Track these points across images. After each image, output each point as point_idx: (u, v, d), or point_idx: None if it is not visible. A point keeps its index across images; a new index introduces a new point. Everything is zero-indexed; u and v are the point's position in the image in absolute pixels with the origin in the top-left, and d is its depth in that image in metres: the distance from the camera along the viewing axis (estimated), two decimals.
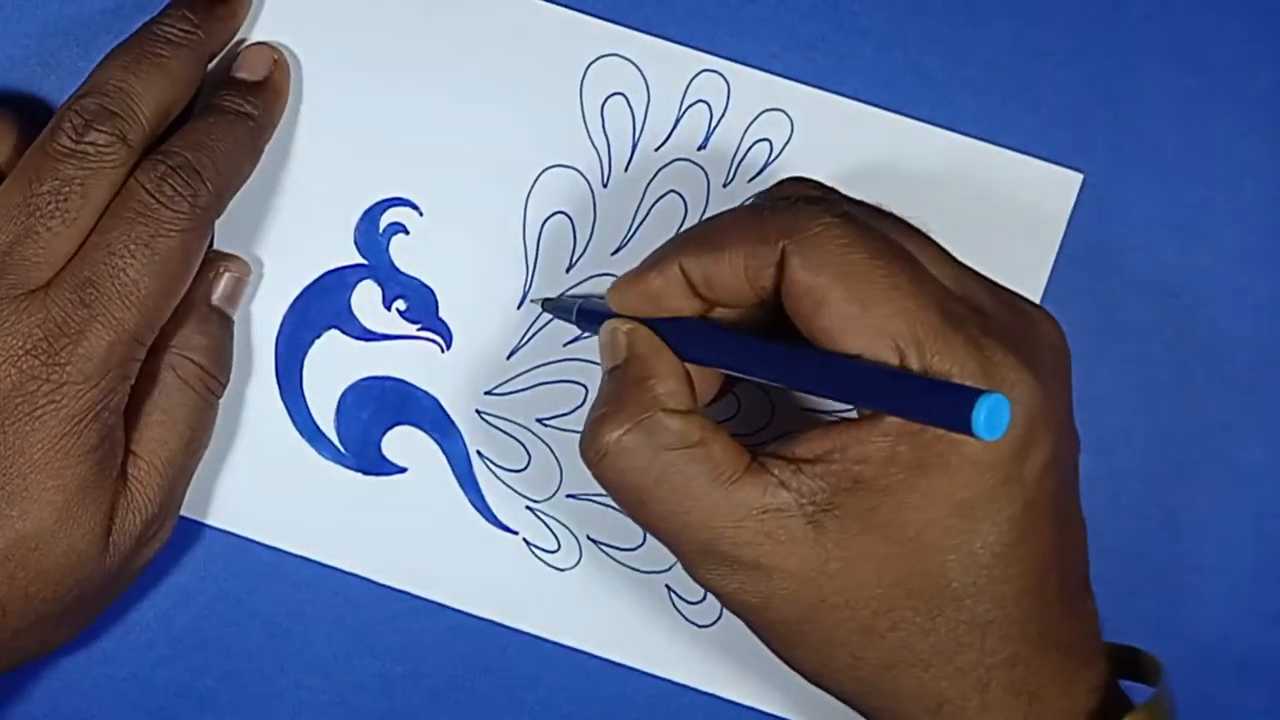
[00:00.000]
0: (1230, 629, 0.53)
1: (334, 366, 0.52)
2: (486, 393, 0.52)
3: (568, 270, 0.52)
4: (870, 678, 0.43)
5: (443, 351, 0.52)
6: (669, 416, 0.43)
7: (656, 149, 0.52)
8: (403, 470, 0.52)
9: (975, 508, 0.41)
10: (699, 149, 0.51)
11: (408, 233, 0.52)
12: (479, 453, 0.52)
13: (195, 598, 0.53)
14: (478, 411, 0.52)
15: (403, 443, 0.52)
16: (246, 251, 0.51)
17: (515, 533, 0.53)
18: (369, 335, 0.52)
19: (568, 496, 0.53)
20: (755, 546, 0.42)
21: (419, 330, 0.52)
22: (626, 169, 0.52)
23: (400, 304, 0.52)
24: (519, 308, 0.52)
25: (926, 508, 0.41)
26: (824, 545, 0.42)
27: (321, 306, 0.52)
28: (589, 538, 0.53)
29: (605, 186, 0.52)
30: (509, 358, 0.52)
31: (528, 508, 0.52)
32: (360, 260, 0.52)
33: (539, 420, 0.52)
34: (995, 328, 0.42)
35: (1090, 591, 0.45)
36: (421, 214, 0.52)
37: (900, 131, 0.51)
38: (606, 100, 0.51)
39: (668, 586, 0.53)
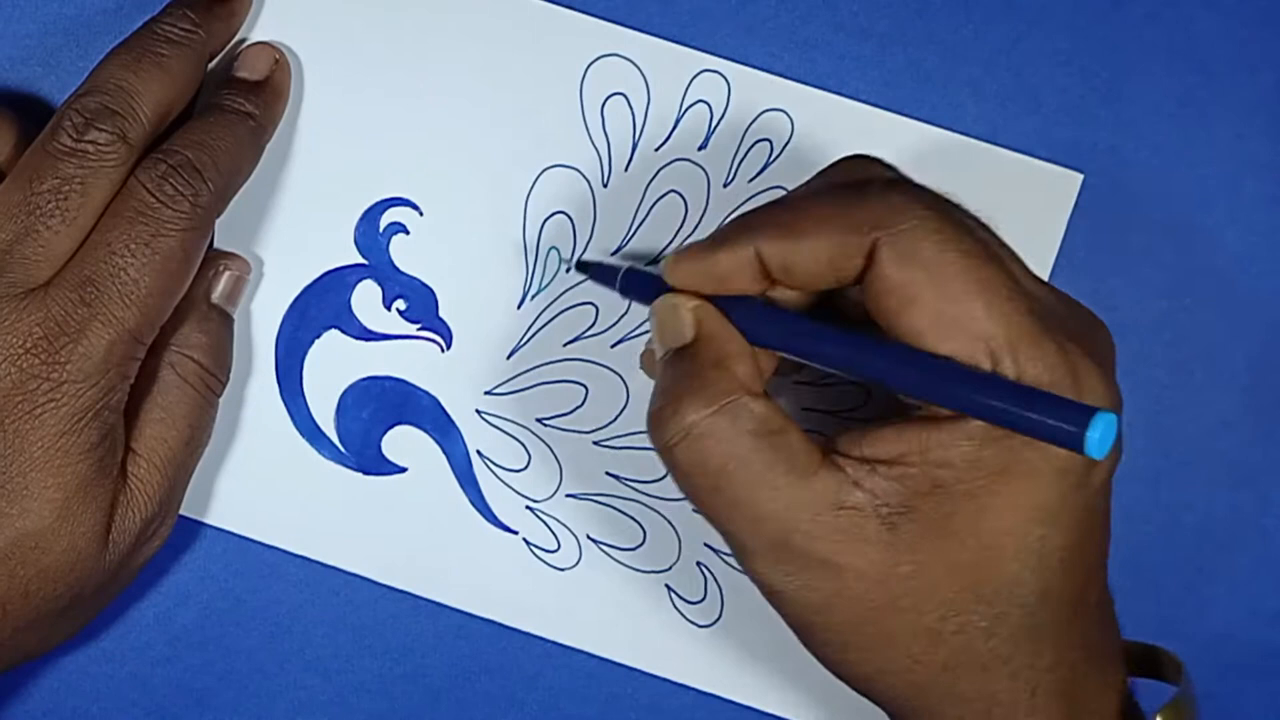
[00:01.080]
0: (1230, 629, 0.53)
1: (334, 366, 0.52)
2: (486, 393, 0.52)
3: (568, 270, 0.52)
4: (925, 681, 0.42)
5: (443, 351, 0.52)
6: (753, 400, 0.41)
7: (656, 149, 0.52)
8: (403, 470, 0.52)
9: (1052, 513, 0.41)
10: (699, 149, 0.51)
11: (408, 232, 0.52)
12: (479, 452, 0.52)
13: (195, 597, 0.53)
14: (478, 411, 0.52)
15: (403, 442, 0.52)
16: (247, 251, 0.51)
17: (515, 533, 0.53)
18: (369, 335, 0.52)
19: (568, 496, 0.53)
20: (829, 542, 0.41)
21: (419, 330, 0.52)
22: (626, 169, 0.52)
23: (400, 304, 0.52)
24: (519, 308, 0.52)
25: (1007, 513, 0.40)
26: (896, 548, 0.41)
27: (321, 306, 0.52)
28: (589, 538, 0.53)
29: (605, 186, 0.52)
30: (509, 358, 0.52)
31: (528, 508, 0.52)
32: (360, 260, 0.52)
33: (539, 420, 0.52)
34: (1071, 328, 0.41)
35: (1111, 595, 0.45)
36: (421, 214, 0.52)
37: (900, 131, 0.51)
38: (606, 100, 0.51)
39: (668, 586, 0.53)
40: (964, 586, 0.41)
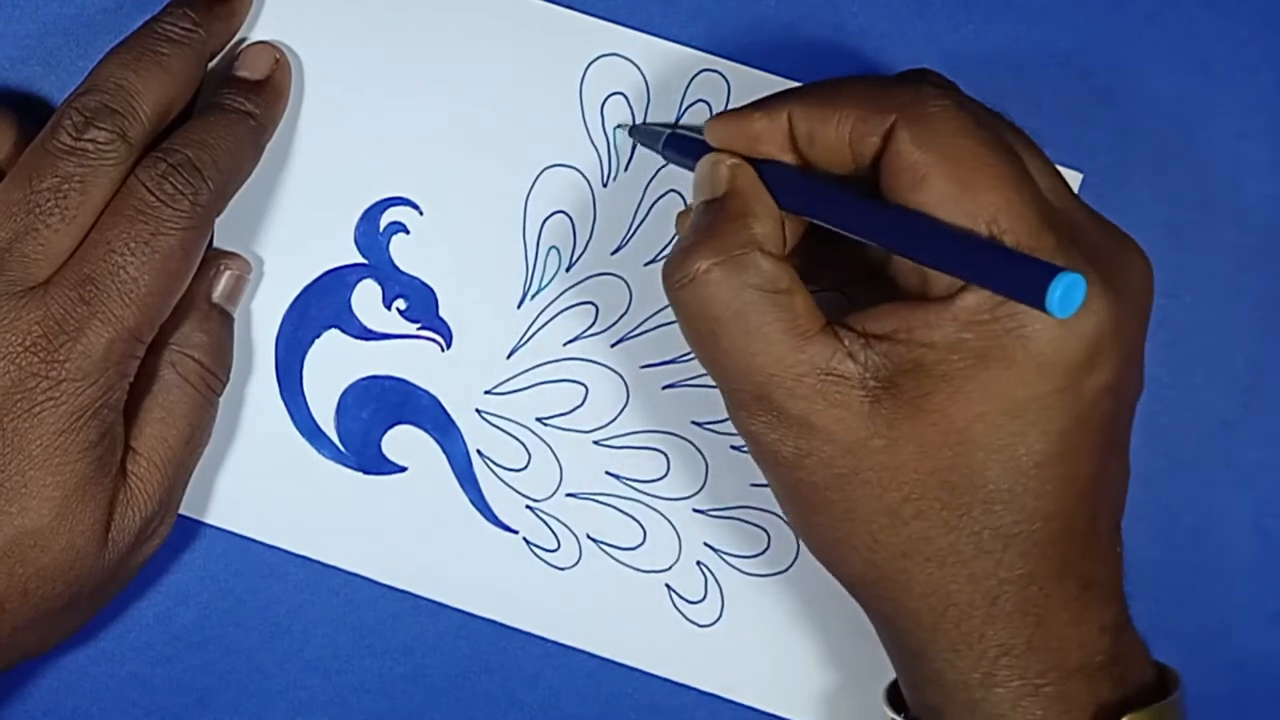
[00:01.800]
0: (1230, 629, 0.53)
1: (334, 365, 0.52)
2: (486, 392, 0.52)
3: (568, 269, 0.52)
4: (883, 563, 0.43)
5: (443, 351, 0.52)
6: (763, 257, 0.43)
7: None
8: (403, 469, 0.52)
9: (1029, 410, 0.41)
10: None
11: (408, 232, 0.52)
12: (479, 452, 0.52)
13: (195, 597, 0.53)
14: (478, 411, 0.52)
15: (403, 442, 0.52)
16: (247, 250, 0.51)
17: (515, 532, 0.53)
18: (369, 334, 0.52)
19: (568, 496, 0.53)
20: (808, 402, 0.42)
21: (419, 329, 0.52)
22: (626, 168, 0.52)
23: (400, 303, 0.52)
24: (519, 307, 0.52)
25: (981, 401, 0.41)
26: (874, 420, 0.42)
27: (321, 305, 0.52)
28: (589, 537, 0.53)
29: (605, 186, 0.52)
30: (509, 357, 0.52)
31: (528, 507, 0.52)
32: (360, 259, 0.52)
33: (539, 420, 0.52)
34: (1086, 243, 0.42)
35: (1120, 537, 0.45)
36: (422, 213, 0.52)
37: None
38: (606, 100, 0.51)
39: (668, 586, 0.53)
40: (930, 471, 0.42)
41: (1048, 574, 0.42)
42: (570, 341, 0.52)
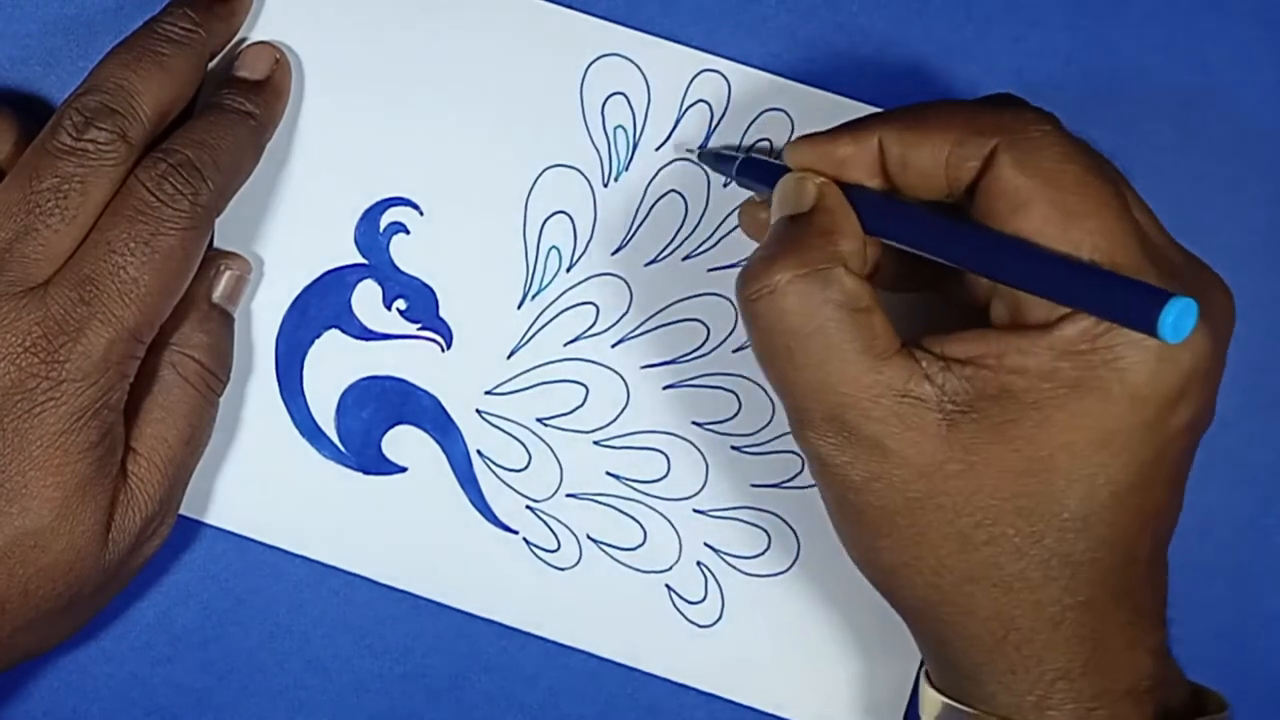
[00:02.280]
0: (1230, 629, 0.53)
1: (334, 366, 0.52)
2: (487, 392, 0.52)
3: (568, 270, 0.52)
4: (947, 588, 0.42)
5: (443, 351, 0.52)
6: (847, 274, 0.42)
7: (656, 149, 0.52)
8: (403, 470, 0.52)
9: (1115, 442, 0.41)
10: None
11: (408, 232, 0.52)
12: (479, 452, 0.52)
13: (195, 597, 0.53)
14: (478, 411, 0.52)
15: (403, 442, 0.52)
16: (247, 250, 0.51)
17: (515, 532, 0.53)
18: (369, 334, 0.52)
19: (568, 496, 0.53)
20: (883, 424, 0.41)
21: (419, 330, 0.52)
22: (627, 168, 0.52)
23: (400, 303, 0.52)
24: (519, 308, 0.52)
25: (1069, 430, 0.41)
26: (950, 445, 0.41)
27: (322, 306, 0.52)
28: (589, 537, 0.53)
29: (605, 186, 0.52)
30: (509, 357, 0.52)
31: (528, 507, 0.52)
32: (361, 260, 0.52)
33: (539, 420, 0.52)
34: (1182, 277, 0.42)
35: (1166, 562, 0.45)
36: (422, 213, 0.52)
37: None
38: (607, 100, 0.51)
39: (668, 586, 0.53)
40: (1007, 497, 0.41)
41: (1107, 600, 0.42)
42: (571, 342, 0.52)
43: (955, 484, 0.41)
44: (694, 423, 0.52)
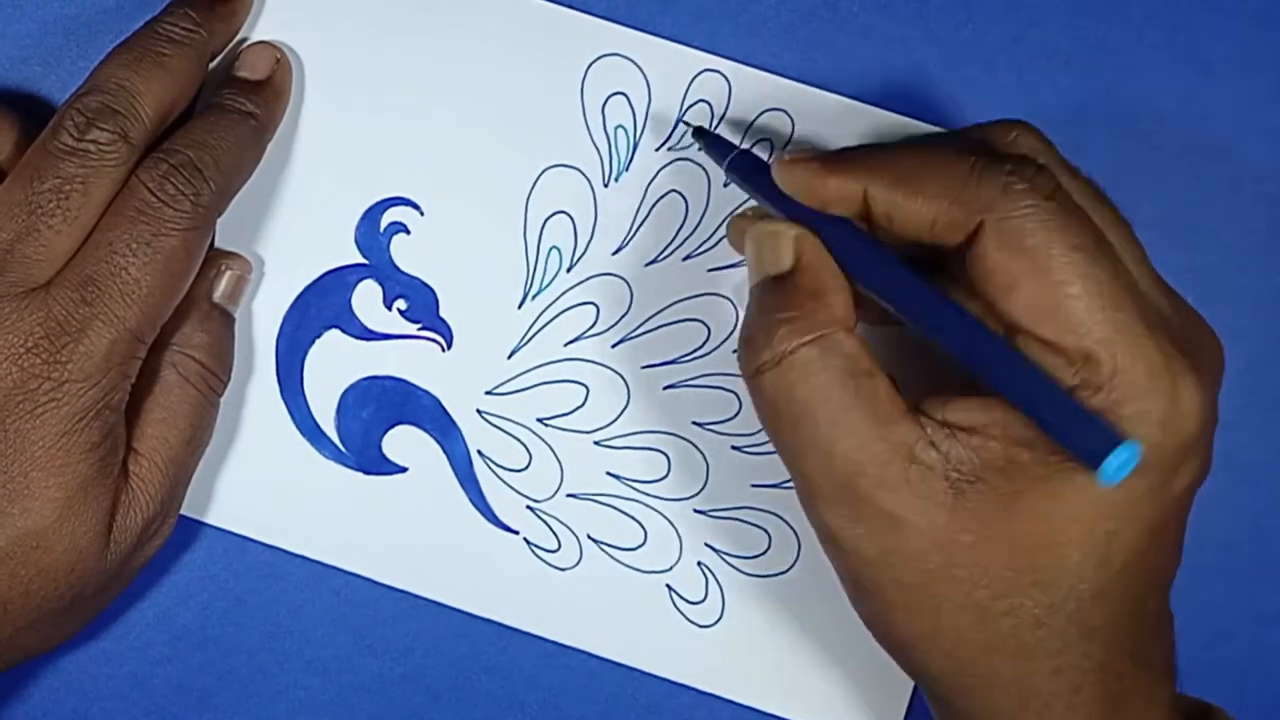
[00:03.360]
0: (1230, 629, 0.53)
1: (334, 366, 0.52)
2: (487, 392, 0.52)
3: (569, 269, 0.52)
4: (966, 658, 0.42)
5: (443, 351, 0.52)
6: (847, 338, 0.41)
7: (657, 149, 0.52)
8: (403, 470, 0.52)
9: (1124, 511, 0.40)
10: (699, 149, 0.51)
11: (409, 232, 0.52)
12: (479, 452, 0.52)
13: (195, 597, 0.53)
14: (478, 411, 0.52)
15: (403, 442, 0.52)
16: (248, 250, 0.51)
17: (515, 532, 0.53)
18: (370, 334, 0.52)
19: (568, 496, 0.53)
20: (895, 493, 0.41)
21: (420, 330, 0.52)
22: (628, 168, 0.52)
23: (401, 303, 0.52)
24: (519, 307, 0.52)
25: (1078, 503, 0.40)
26: (960, 514, 0.40)
27: (322, 306, 0.52)
28: (589, 538, 0.53)
29: (605, 186, 0.52)
30: (509, 357, 0.52)
31: (528, 507, 0.52)
32: (361, 260, 0.52)
33: (539, 420, 0.52)
34: (1180, 338, 0.41)
35: (1172, 615, 0.45)
36: (422, 213, 0.52)
37: (900, 131, 0.51)
38: (607, 100, 0.51)
39: (668, 586, 0.53)
40: (1022, 569, 0.41)
41: (1123, 660, 0.42)
42: (571, 342, 0.52)
43: (969, 555, 0.41)
44: (694, 423, 0.52)
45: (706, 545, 0.53)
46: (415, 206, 0.52)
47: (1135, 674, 0.43)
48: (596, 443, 0.52)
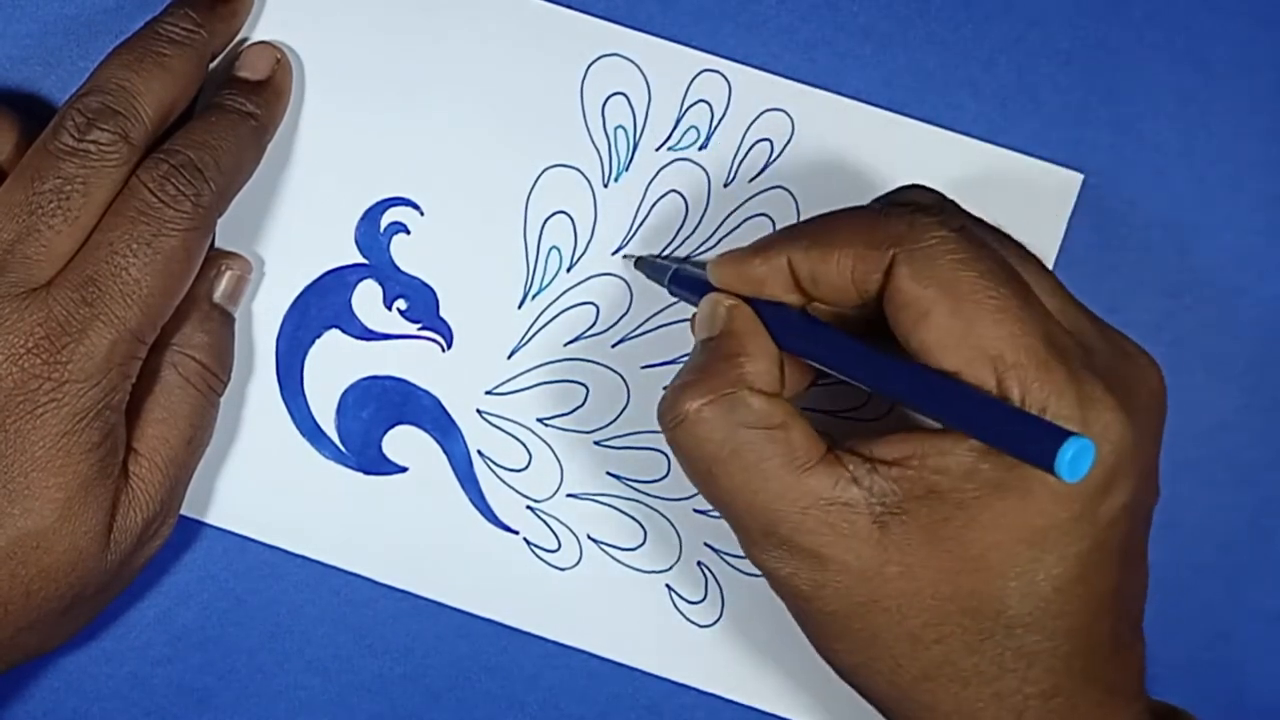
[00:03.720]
0: (1230, 629, 0.53)
1: (335, 366, 0.52)
2: (487, 392, 0.52)
3: (569, 269, 0.52)
4: (907, 686, 0.43)
5: (443, 351, 0.52)
6: (753, 395, 0.43)
7: (657, 149, 0.52)
8: (403, 470, 0.52)
9: (1046, 539, 0.41)
10: (699, 149, 0.51)
11: (409, 232, 0.52)
12: (479, 452, 0.52)
13: (195, 597, 0.53)
14: (478, 411, 0.52)
15: (403, 442, 0.52)
16: (248, 250, 0.51)
17: (515, 532, 0.53)
18: (370, 335, 0.52)
19: (568, 496, 0.53)
20: (816, 535, 0.42)
21: (420, 330, 0.52)
22: (628, 168, 0.52)
23: (401, 303, 0.52)
24: (519, 307, 0.52)
25: (997, 530, 0.41)
26: (885, 547, 0.42)
27: (322, 306, 0.52)
28: (589, 537, 0.53)
29: (605, 186, 0.52)
30: (509, 357, 0.52)
31: (528, 507, 0.52)
32: (361, 260, 0.52)
33: (539, 420, 0.52)
34: (1098, 364, 0.42)
35: (1141, 634, 0.45)
36: (422, 213, 0.52)
37: (900, 131, 0.51)
38: (607, 100, 0.51)
39: (668, 586, 0.53)
40: (948, 596, 0.42)
41: (1072, 686, 0.42)
42: (571, 342, 0.52)
43: (897, 586, 0.42)
44: None
45: (706, 545, 0.53)
46: (415, 206, 0.52)
47: (1092, 696, 0.43)
48: (596, 443, 0.52)
